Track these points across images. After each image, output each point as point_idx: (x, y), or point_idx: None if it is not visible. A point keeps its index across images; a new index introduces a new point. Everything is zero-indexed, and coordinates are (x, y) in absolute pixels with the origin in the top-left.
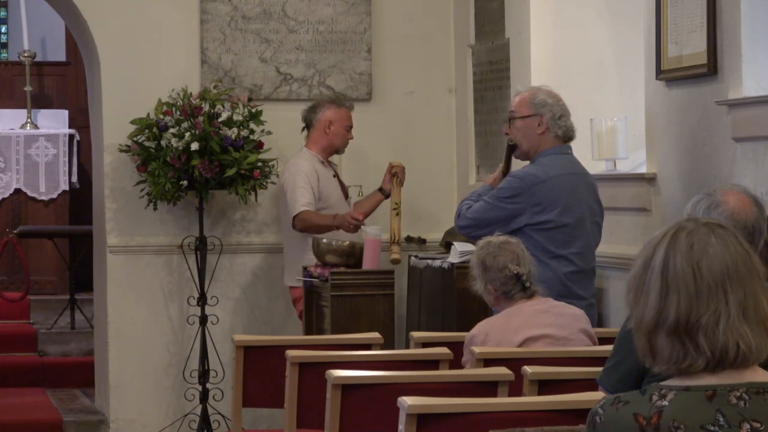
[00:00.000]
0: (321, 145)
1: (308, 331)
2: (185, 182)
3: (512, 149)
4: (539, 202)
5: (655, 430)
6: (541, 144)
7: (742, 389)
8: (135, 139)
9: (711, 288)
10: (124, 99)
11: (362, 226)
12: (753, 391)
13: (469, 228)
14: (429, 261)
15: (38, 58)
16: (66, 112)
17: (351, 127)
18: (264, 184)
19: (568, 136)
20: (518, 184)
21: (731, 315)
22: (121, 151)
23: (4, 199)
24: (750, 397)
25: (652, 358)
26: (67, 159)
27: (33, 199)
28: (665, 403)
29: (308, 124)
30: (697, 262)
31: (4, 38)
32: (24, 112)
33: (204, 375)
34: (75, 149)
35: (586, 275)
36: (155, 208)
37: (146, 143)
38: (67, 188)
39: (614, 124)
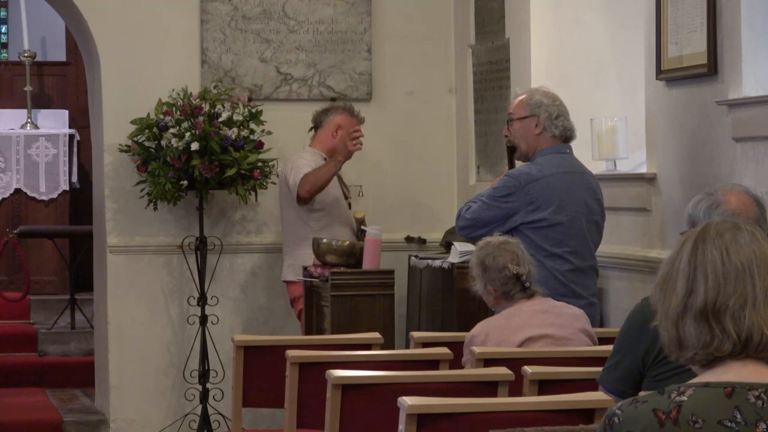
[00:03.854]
0: (325, 147)
1: (308, 331)
2: (185, 182)
3: (512, 151)
4: (533, 201)
5: (674, 423)
6: (539, 144)
7: (761, 389)
8: (135, 139)
9: (739, 272)
10: (124, 99)
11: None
12: None
13: (468, 228)
14: (429, 261)
15: (38, 58)
16: (66, 112)
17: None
18: (264, 184)
19: (566, 135)
20: (513, 182)
21: (758, 300)
22: (121, 151)
23: (4, 199)
24: None
25: (679, 347)
26: (67, 159)
27: (33, 199)
28: (684, 398)
29: (317, 125)
30: (726, 248)
31: (4, 38)
32: (24, 112)
33: (204, 375)
34: (75, 149)
35: (586, 273)
36: (155, 208)
37: (146, 143)
38: (67, 188)
39: (614, 124)
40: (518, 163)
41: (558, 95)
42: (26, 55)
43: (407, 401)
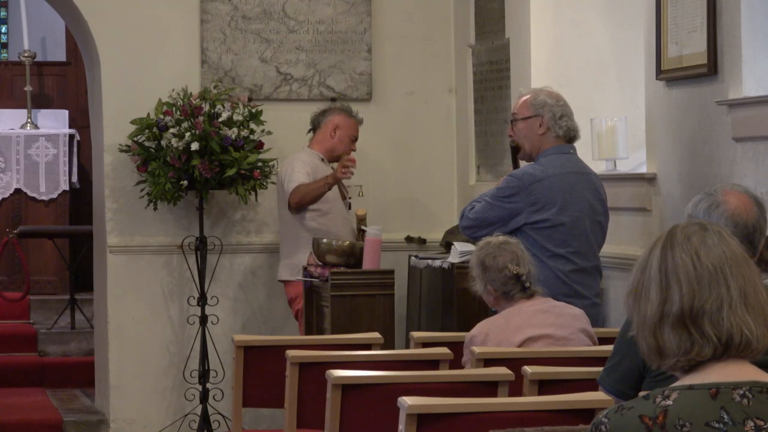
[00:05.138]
0: (324, 147)
1: (308, 331)
2: (185, 182)
3: (516, 151)
4: (536, 201)
5: (661, 428)
6: (543, 144)
7: (746, 387)
8: (135, 139)
9: (711, 274)
10: (124, 99)
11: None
12: (756, 390)
13: (471, 228)
14: (429, 261)
15: (38, 58)
16: (66, 112)
17: (356, 139)
18: (264, 184)
19: (569, 136)
20: (516, 183)
21: (733, 301)
22: (121, 151)
23: (4, 199)
24: (753, 396)
25: (659, 356)
26: (67, 159)
27: (33, 199)
28: (669, 402)
29: (315, 126)
30: (696, 251)
31: (4, 38)
32: (24, 112)
33: (204, 375)
34: (75, 149)
35: (589, 274)
36: (155, 208)
37: (146, 143)
38: (67, 188)
39: (614, 124)
40: (522, 163)
41: (562, 95)
42: (26, 55)
43: (407, 401)
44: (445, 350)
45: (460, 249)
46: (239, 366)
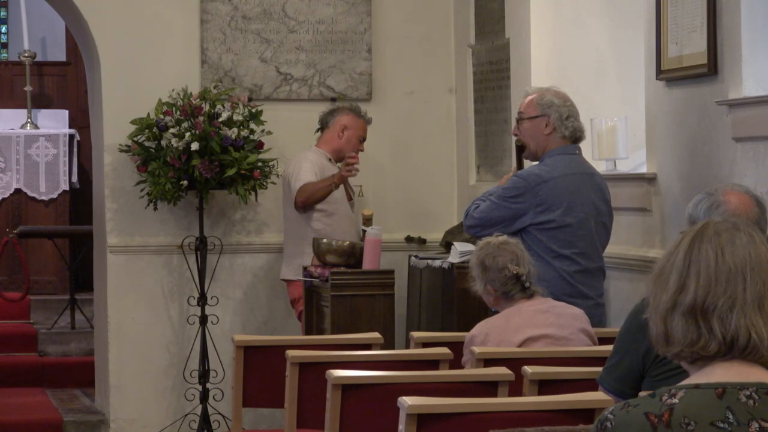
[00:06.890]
0: (331, 147)
1: (308, 331)
2: (185, 182)
3: (521, 150)
4: (542, 202)
5: (666, 426)
6: (548, 144)
7: (752, 388)
8: (135, 139)
9: (731, 272)
10: (124, 99)
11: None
12: (763, 392)
13: (475, 228)
14: (429, 261)
15: (38, 58)
16: (66, 112)
17: (364, 139)
18: (264, 184)
19: (575, 136)
20: (522, 183)
21: (747, 303)
22: (121, 151)
23: (4, 199)
24: (759, 397)
25: (666, 342)
26: (67, 159)
27: (33, 199)
28: (675, 401)
29: (323, 126)
30: (722, 248)
31: (4, 38)
32: (24, 112)
33: (204, 375)
34: (75, 149)
35: (593, 275)
36: (155, 208)
37: (146, 143)
38: (67, 188)
39: (614, 124)
40: (526, 162)
41: (568, 96)
42: (26, 55)
43: (407, 401)
44: (445, 350)
45: (460, 249)
46: (239, 366)
